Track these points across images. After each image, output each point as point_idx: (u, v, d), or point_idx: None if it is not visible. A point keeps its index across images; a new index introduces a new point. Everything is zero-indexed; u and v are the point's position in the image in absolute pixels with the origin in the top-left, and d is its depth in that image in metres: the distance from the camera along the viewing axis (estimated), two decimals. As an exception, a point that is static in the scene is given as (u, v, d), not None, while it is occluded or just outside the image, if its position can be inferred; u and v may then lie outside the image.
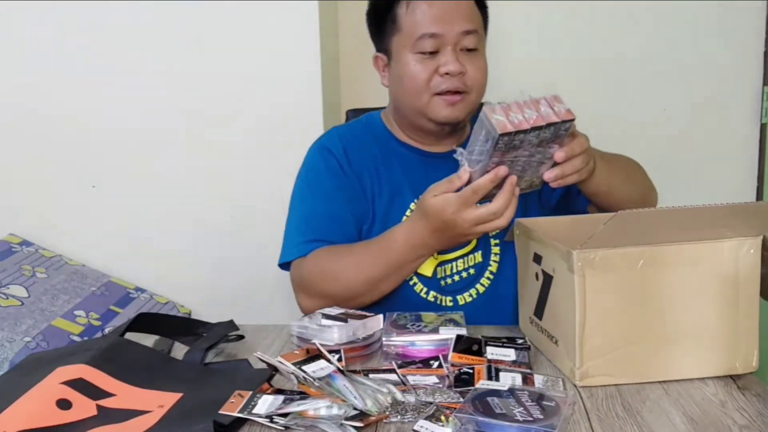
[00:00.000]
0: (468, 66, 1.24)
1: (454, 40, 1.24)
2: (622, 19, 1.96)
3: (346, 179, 1.31)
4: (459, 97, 1.24)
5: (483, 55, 1.29)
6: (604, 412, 0.84)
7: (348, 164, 1.32)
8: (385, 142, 1.35)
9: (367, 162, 1.33)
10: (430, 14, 1.24)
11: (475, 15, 1.28)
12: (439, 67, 1.24)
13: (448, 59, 1.23)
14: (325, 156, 1.33)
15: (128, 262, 1.82)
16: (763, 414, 0.83)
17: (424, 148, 1.34)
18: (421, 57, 1.25)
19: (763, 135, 2.02)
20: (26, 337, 1.43)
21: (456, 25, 1.24)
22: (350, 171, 1.32)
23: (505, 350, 0.97)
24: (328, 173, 1.32)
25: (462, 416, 0.77)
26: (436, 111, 1.25)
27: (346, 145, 1.34)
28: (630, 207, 1.30)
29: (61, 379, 0.86)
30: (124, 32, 1.75)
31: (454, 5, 1.25)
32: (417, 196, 1.30)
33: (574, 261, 0.89)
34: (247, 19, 1.73)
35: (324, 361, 0.89)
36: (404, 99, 1.29)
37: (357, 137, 1.36)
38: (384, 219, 1.30)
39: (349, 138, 1.36)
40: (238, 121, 1.77)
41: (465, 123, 1.32)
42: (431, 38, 1.23)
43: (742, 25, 1.98)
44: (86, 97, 1.78)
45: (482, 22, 1.30)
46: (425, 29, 1.23)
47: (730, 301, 0.92)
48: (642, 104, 2.01)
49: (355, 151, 1.33)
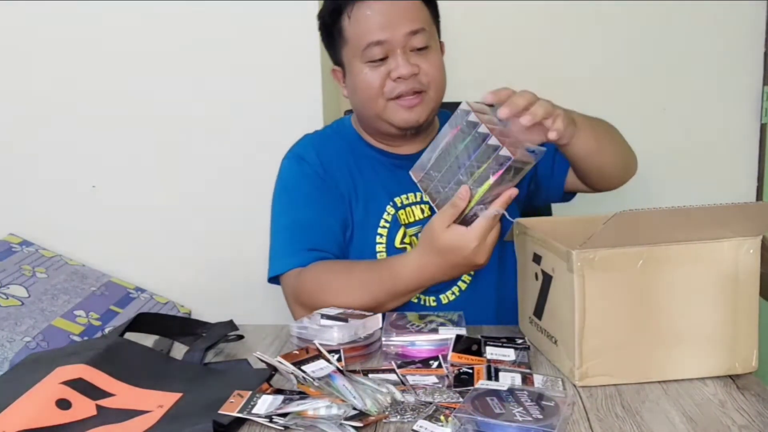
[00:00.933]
0: (421, 64, 1.23)
1: (402, 43, 1.22)
2: (622, 19, 1.96)
3: (325, 186, 1.30)
4: (417, 99, 1.24)
5: (436, 51, 1.28)
6: (603, 412, 0.84)
7: (324, 171, 1.31)
8: (357, 147, 1.35)
9: (341, 168, 1.32)
10: (373, 22, 1.23)
11: (421, 12, 1.26)
12: (390, 72, 1.23)
13: (398, 63, 1.22)
14: (301, 165, 1.33)
15: (128, 262, 1.82)
16: (762, 414, 0.83)
17: (394, 151, 1.34)
18: (372, 65, 1.24)
19: (763, 135, 2.02)
20: (26, 337, 1.43)
21: (400, 27, 1.22)
22: (327, 177, 1.31)
23: (505, 350, 0.97)
24: (306, 181, 1.31)
25: (461, 416, 0.77)
26: (395, 116, 1.25)
27: (320, 152, 1.33)
28: (615, 171, 1.32)
29: (61, 379, 0.86)
30: (124, 32, 1.75)
31: (395, 8, 1.23)
32: (391, 200, 1.31)
33: (573, 261, 0.89)
34: (247, 19, 1.73)
35: (323, 361, 0.89)
36: (363, 108, 1.29)
37: (329, 144, 1.36)
38: (362, 225, 1.30)
39: (321, 145, 1.35)
40: (238, 121, 1.77)
41: (432, 121, 1.31)
42: (377, 45, 1.22)
43: (742, 25, 1.97)
44: (86, 97, 1.78)
45: (431, 18, 1.28)
46: (370, 38, 1.22)
47: (730, 301, 0.92)
48: (642, 104, 2.00)
49: (329, 158, 1.33)
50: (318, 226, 1.28)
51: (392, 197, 1.31)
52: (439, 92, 1.28)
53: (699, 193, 1.96)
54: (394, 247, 1.30)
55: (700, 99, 2.01)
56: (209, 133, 1.79)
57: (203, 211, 1.81)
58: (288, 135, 1.45)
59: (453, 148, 1.03)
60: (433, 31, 1.28)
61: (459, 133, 1.02)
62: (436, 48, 1.28)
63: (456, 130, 1.02)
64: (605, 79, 1.98)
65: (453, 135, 1.03)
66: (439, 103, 1.29)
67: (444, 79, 1.28)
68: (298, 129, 1.45)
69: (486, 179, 0.99)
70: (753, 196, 2.03)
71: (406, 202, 1.32)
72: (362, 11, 1.24)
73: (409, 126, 1.26)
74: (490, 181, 0.99)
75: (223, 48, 1.75)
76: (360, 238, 1.30)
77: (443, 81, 1.28)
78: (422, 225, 1.29)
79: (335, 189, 1.31)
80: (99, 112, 1.79)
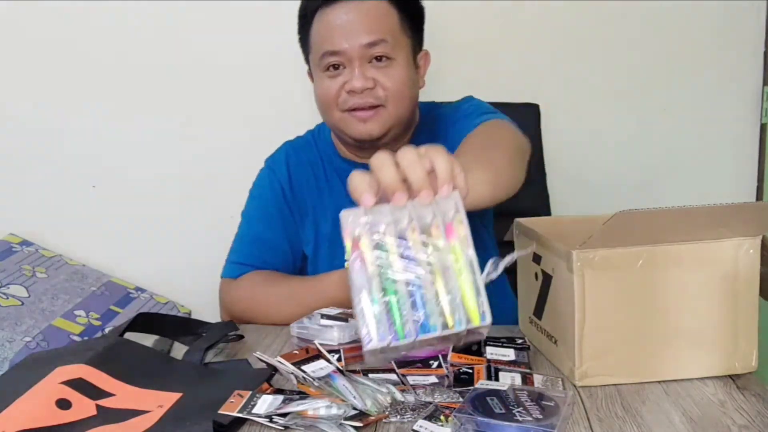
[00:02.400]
0: (379, 78, 1.19)
1: (359, 54, 1.18)
2: (622, 19, 1.96)
3: (285, 203, 1.33)
4: (370, 113, 1.20)
5: (400, 63, 1.21)
6: (603, 412, 0.84)
7: (290, 187, 1.33)
8: (329, 159, 1.35)
9: (309, 181, 1.33)
10: (332, 30, 1.19)
11: (385, 22, 1.20)
12: (345, 84, 1.20)
13: (352, 75, 1.19)
14: (271, 178, 1.35)
15: (128, 262, 1.82)
16: (762, 414, 0.83)
17: (364, 161, 1.32)
18: (329, 74, 1.21)
19: (763, 135, 2.02)
20: (26, 337, 1.43)
21: (356, 38, 1.18)
22: (291, 196, 1.33)
23: (505, 350, 0.97)
24: (270, 195, 1.34)
25: (461, 416, 0.77)
26: (350, 128, 1.23)
27: (291, 163, 1.35)
28: (521, 178, 1.10)
29: (61, 379, 0.86)
30: (123, 32, 1.75)
31: (356, 17, 1.19)
32: None
33: (573, 261, 0.89)
34: (247, 19, 1.74)
35: (323, 361, 0.89)
36: (323, 116, 1.28)
37: (303, 154, 1.36)
38: (330, 239, 1.31)
39: (295, 155, 1.36)
40: (238, 121, 1.78)
41: (400, 132, 1.27)
42: (333, 55, 1.20)
43: (742, 25, 1.97)
44: (86, 97, 1.78)
45: (401, 27, 1.22)
46: (326, 47, 1.20)
47: (730, 300, 0.92)
48: (642, 104, 2.00)
49: (299, 171, 1.34)
50: (267, 245, 1.32)
51: None
52: (400, 107, 1.22)
53: (699, 193, 1.96)
54: None
55: (700, 99, 2.01)
56: (210, 134, 1.79)
57: (204, 211, 1.82)
58: (287, 135, 1.45)
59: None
60: (402, 41, 1.22)
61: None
62: (402, 60, 1.22)
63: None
64: (605, 79, 1.98)
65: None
66: (401, 117, 1.24)
67: (406, 93, 1.23)
68: (299, 130, 1.45)
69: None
70: (753, 196, 2.03)
71: None
72: (324, 18, 1.21)
73: (363, 139, 1.24)
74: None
75: (223, 48, 1.75)
76: (328, 253, 1.31)
77: (404, 95, 1.22)
78: None
79: (296, 208, 1.33)
80: (99, 112, 1.79)
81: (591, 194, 2.00)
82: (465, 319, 0.69)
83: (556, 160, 1.75)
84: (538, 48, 1.96)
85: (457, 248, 0.70)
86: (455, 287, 0.70)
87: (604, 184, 2.01)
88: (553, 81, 1.90)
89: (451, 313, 0.69)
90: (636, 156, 2.01)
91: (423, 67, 1.31)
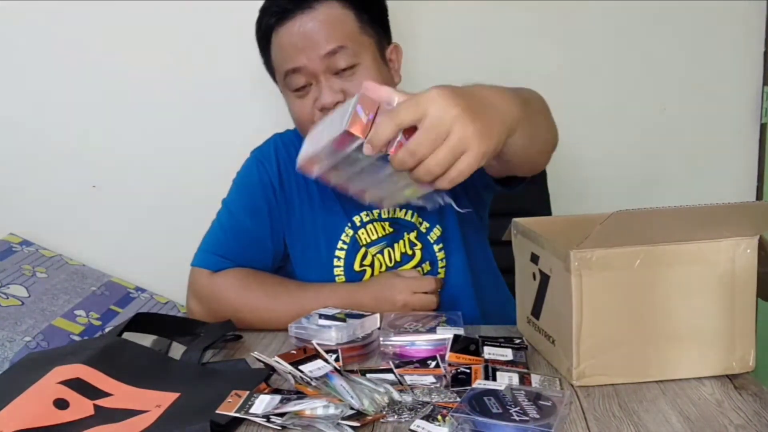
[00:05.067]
0: (348, 87, 1.14)
1: (321, 67, 1.13)
2: (622, 19, 1.96)
3: (274, 200, 1.29)
4: None
5: (367, 66, 1.16)
6: (600, 412, 0.84)
7: (279, 185, 1.29)
8: None
9: (299, 181, 1.29)
10: (287, 48, 1.15)
11: (340, 27, 1.15)
12: (315, 101, 1.15)
13: (320, 92, 1.14)
14: (260, 171, 1.31)
15: (128, 262, 1.82)
16: (759, 414, 0.83)
17: None
18: (298, 94, 1.17)
19: (763, 135, 2.02)
20: (26, 337, 1.43)
21: (315, 50, 1.13)
22: (280, 192, 1.29)
23: (503, 350, 0.98)
24: (258, 187, 1.29)
25: (459, 416, 0.77)
26: None
27: (281, 158, 1.31)
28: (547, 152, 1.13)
29: (59, 379, 0.86)
30: (124, 33, 1.76)
31: (309, 29, 1.13)
32: (350, 219, 1.27)
33: (571, 261, 0.89)
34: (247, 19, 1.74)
35: (321, 361, 0.89)
36: (302, 134, 1.22)
37: (293, 150, 1.31)
38: (316, 242, 1.28)
39: (285, 149, 1.32)
40: (238, 121, 1.78)
41: None
42: (295, 73, 1.15)
43: (742, 25, 1.97)
44: (86, 97, 1.78)
45: (358, 27, 1.16)
46: (286, 65, 1.15)
47: (727, 300, 0.92)
48: (642, 104, 2.00)
49: (289, 170, 1.30)
50: (247, 236, 1.27)
51: (350, 216, 1.27)
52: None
53: (699, 193, 1.96)
54: (352, 270, 1.27)
55: (700, 99, 2.01)
56: (210, 134, 1.79)
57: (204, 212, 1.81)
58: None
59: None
60: (364, 42, 1.17)
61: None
62: (368, 62, 1.16)
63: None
64: (605, 79, 1.98)
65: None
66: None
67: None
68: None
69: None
70: (753, 196, 2.03)
71: (365, 220, 1.28)
72: (279, 37, 1.16)
73: None
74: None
75: (223, 48, 1.75)
76: (316, 260, 1.28)
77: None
78: (385, 242, 1.27)
79: (285, 202, 1.29)
80: (99, 112, 1.79)
81: (591, 194, 2.00)
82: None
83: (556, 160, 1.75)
84: (538, 47, 1.96)
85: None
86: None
87: (604, 184, 2.01)
88: (553, 80, 1.90)
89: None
90: (636, 156, 2.01)
91: (396, 61, 1.26)
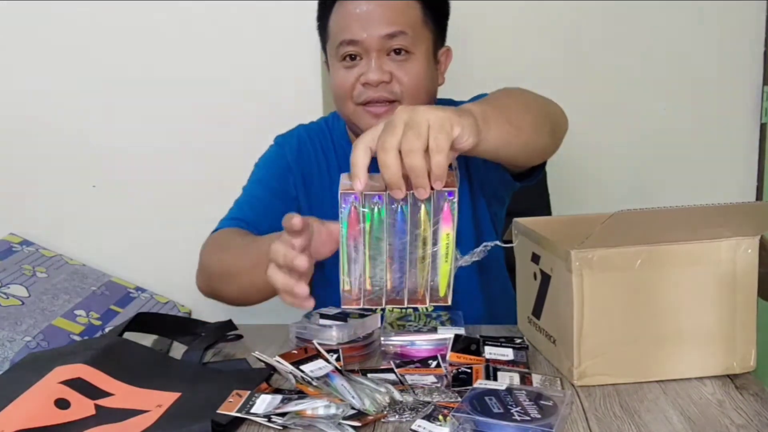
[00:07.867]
0: (396, 72, 1.16)
1: (377, 45, 1.15)
2: (622, 19, 1.96)
3: (290, 180, 1.31)
4: (384, 108, 1.17)
5: (419, 58, 1.18)
6: (601, 412, 0.84)
7: (298, 167, 1.31)
8: (342, 149, 1.32)
9: (321, 166, 1.31)
10: (349, 19, 1.17)
11: (407, 14, 1.17)
12: (361, 76, 1.17)
13: (368, 67, 1.16)
14: (279, 154, 1.34)
15: (128, 261, 1.82)
16: (760, 413, 0.83)
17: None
18: (346, 64, 1.18)
19: (763, 135, 2.02)
20: (26, 337, 1.43)
21: (376, 28, 1.15)
22: (300, 173, 1.31)
23: (504, 350, 0.97)
24: (274, 167, 1.33)
25: (460, 416, 0.77)
26: (363, 122, 1.19)
27: (303, 146, 1.33)
28: (542, 143, 1.07)
29: (60, 379, 0.86)
30: (123, 34, 1.75)
31: (376, 8, 1.15)
32: None
33: (572, 260, 0.89)
34: (247, 18, 1.74)
35: (322, 361, 0.89)
36: (337, 108, 1.26)
37: (316, 139, 1.34)
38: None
39: (308, 139, 1.34)
40: (238, 121, 1.78)
41: None
42: (350, 45, 1.16)
43: (742, 25, 1.98)
44: (86, 97, 1.78)
45: (422, 20, 1.19)
46: (344, 36, 1.17)
47: (728, 300, 0.92)
48: (642, 104, 2.00)
49: (310, 155, 1.32)
50: (259, 202, 1.29)
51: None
52: (415, 103, 1.15)
53: (699, 193, 1.96)
54: None
55: (700, 99, 2.01)
56: (210, 133, 1.79)
57: (204, 211, 1.81)
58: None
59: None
60: (423, 35, 1.19)
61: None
62: (421, 55, 1.19)
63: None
64: (605, 79, 1.98)
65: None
66: None
67: (423, 89, 1.20)
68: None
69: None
70: (753, 196, 2.04)
71: None
72: (343, 7, 1.18)
73: None
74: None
75: (223, 48, 1.75)
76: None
77: (421, 91, 1.19)
78: None
79: (303, 185, 1.31)
80: (99, 111, 1.79)
81: (591, 194, 2.00)
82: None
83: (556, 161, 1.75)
84: (538, 48, 1.96)
85: (443, 235, 0.81)
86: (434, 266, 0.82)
87: (604, 184, 2.01)
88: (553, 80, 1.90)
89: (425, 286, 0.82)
90: (636, 156, 2.02)
91: (444, 63, 1.27)
